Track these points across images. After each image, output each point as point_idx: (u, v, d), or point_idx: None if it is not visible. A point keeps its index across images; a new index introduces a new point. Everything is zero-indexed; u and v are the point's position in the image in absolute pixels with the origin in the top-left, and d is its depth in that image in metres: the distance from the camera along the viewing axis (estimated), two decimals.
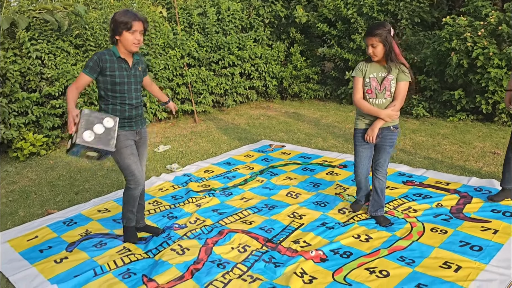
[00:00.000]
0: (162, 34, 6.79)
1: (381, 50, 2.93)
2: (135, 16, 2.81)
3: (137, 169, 3.03)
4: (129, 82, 2.93)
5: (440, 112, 6.29)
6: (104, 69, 2.83)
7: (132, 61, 2.95)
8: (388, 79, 3.00)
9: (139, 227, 3.39)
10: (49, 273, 2.93)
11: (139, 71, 3.02)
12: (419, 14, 6.75)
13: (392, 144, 3.16)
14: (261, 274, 2.76)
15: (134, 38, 2.80)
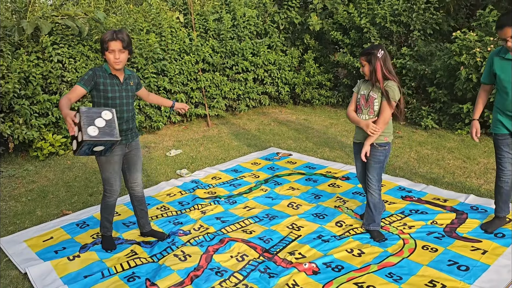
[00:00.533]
0: (178, 40, 7.01)
1: (367, 70, 3.17)
2: (113, 36, 2.94)
3: (115, 182, 3.23)
4: (121, 97, 3.10)
5: (449, 124, 6.35)
6: (98, 84, 3.01)
7: (124, 76, 3.13)
8: (372, 97, 3.21)
9: (145, 231, 3.62)
10: (62, 270, 3.17)
11: (131, 86, 3.19)
12: (431, 25, 6.79)
13: (378, 161, 3.30)
14: (255, 284, 2.94)
15: (113, 57, 2.96)
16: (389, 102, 3.14)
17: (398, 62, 6.78)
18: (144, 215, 3.58)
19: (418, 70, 6.55)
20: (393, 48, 7.05)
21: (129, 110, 3.18)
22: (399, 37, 7.17)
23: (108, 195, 3.28)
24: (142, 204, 3.53)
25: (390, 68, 3.18)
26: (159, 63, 6.71)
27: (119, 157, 3.21)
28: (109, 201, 3.31)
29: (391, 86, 3.15)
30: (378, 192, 3.39)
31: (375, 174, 3.34)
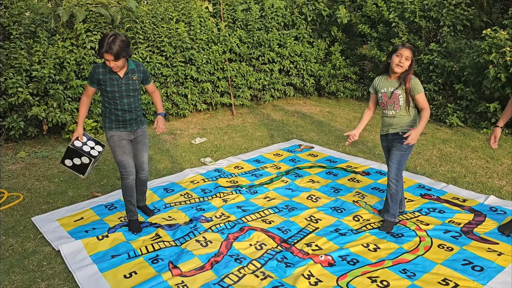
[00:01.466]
0: (207, 30, 7.12)
1: (407, 65, 3.29)
2: (107, 48, 3.07)
3: (128, 163, 3.48)
4: (120, 90, 3.32)
5: (475, 123, 6.28)
6: (98, 80, 3.29)
7: (125, 70, 3.31)
8: (396, 94, 3.34)
9: (139, 205, 3.94)
10: (92, 249, 3.38)
11: (133, 80, 3.36)
12: (462, 21, 6.68)
13: (400, 148, 3.41)
14: (272, 272, 3.07)
15: (108, 64, 3.17)
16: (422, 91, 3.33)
17: (425, 58, 6.71)
18: (142, 193, 3.89)
19: (446, 67, 6.48)
20: (421, 43, 6.98)
21: (131, 103, 3.39)
22: (428, 33, 7.09)
23: (125, 176, 3.51)
24: (143, 185, 3.83)
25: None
26: (187, 52, 6.84)
27: (126, 141, 3.48)
28: (126, 182, 3.53)
29: (416, 81, 3.33)
30: (395, 183, 3.47)
31: (396, 163, 3.44)
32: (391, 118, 3.44)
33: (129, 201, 3.61)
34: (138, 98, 3.46)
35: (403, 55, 3.25)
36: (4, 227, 3.77)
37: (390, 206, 3.54)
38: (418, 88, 3.31)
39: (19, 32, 5.76)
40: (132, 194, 3.59)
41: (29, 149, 5.75)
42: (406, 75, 3.31)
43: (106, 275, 3.06)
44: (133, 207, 3.65)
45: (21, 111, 5.76)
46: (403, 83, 3.32)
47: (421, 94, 3.32)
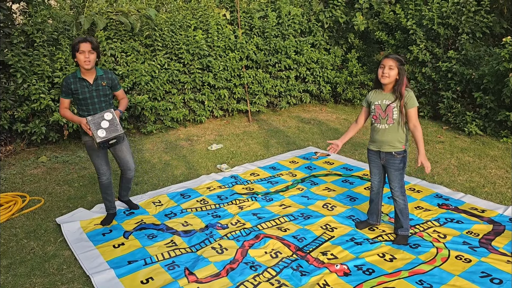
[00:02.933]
0: (224, 37, 7.20)
1: (394, 75, 3.22)
2: (83, 38, 3.43)
3: (101, 166, 3.79)
4: (92, 97, 3.56)
5: (495, 131, 6.19)
6: (71, 90, 3.52)
7: (94, 77, 3.55)
8: (390, 107, 3.29)
9: (124, 200, 4.21)
10: (108, 255, 3.44)
11: (103, 86, 3.60)
12: (481, 28, 6.61)
13: (397, 168, 3.40)
14: (287, 280, 3.08)
15: (83, 57, 3.41)
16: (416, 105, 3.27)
17: (444, 65, 6.65)
18: (126, 190, 4.15)
19: (465, 74, 6.41)
20: (439, 50, 6.92)
21: (102, 108, 3.63)
22: (446, 40, 7.03)
23: (100, 177, 3.84)
24: (129, 183, 4.09)
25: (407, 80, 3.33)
26: (205, 59, 6.92)
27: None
28: (101, 182, 3.85)
29: (411, 95, 3.26)
30: (402, 198, 3.47)
31: (397, 181, 3.43)
32: (382, 132, 3.37)
33: (105, 197, 3.94)
34: (110, 103, 3.70)
35: (386, 66, 3.23)
36: (26, 231, 3.87)
37: (402, 221, 3.52)
38: (411, 102, 3.24)
39: (42, 40, 5.92)
40: (107, 191, 3.90)
41: (50, 153, 5.88)
42: (399, 87, 3.24)
43: (123, 280, 3.12)
44: (110, 203, 3.97)
45: (43, 116, 5.90)
46: (399, 98, 3.25)
47: (414, 109, 3.25)
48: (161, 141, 6.42)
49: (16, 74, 5.62)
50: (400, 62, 3.24)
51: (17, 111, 5.71)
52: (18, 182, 4.99)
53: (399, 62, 3.23)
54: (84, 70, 3.51)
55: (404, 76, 3.24)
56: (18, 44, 5.75)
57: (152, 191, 4.68)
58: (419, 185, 4.59)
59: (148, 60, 6.62)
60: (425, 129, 6.67)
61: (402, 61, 3.25)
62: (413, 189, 4.49)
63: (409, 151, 3.28)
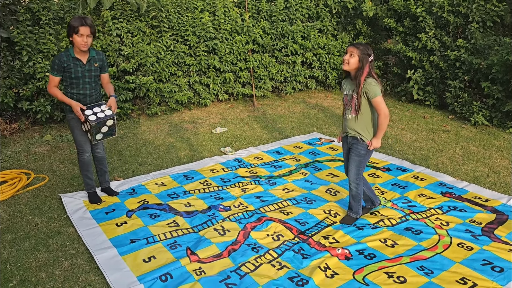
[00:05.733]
0: (231, 20, 7.13)
1: (355, 63, 3.19)
2: (83, 22, 3.43)
3: (85, 143, 3.80)
4: (84, 76, 3.60)
5: (501, 122, 6.14)
6: (64, 68, 3.53)
7: (87, 58, 3.59)
8: (354, 98, 3.29)
9: (102, 187, 4.16)
10: (111, 233, 3.47)
11: (95, 67, 3.65)
12: (492, 17, 6.51)
13: (358, 154, 3.40)
14: (289, 263, 3.10)
15: (81, 40, 3.45)
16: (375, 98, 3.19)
17: (452, 54, 6.58)
18: (103, 174, 4.09)
19: (473, 64, 6.34)
20: (448, 39, 6.83)
21: (92, 88, 3.68)
22: (455, 28, 6.93)
23: (81, 153, 3.85)
24: (102, 164, 4.05)
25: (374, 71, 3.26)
26: (211, 42, 6.87)
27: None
28: (83, 158, 3.86)
29: (370, 83, 3.20)
30: (355, 185, 3.50)
31: (354, 167, 3.45)
32: (347, 121, 3.40)
33: (86, 175, 3.93)
34: (98, 84, 3.77)
35: (347, 52, 3.21)
36: (30, 207, 3.90)
37: (353, 205, 3.62)
38: (371, 93, 3.19)
39: (48, 18, 5.88)
40: (89, 168, 3.92)
41: (54, 132, 5.90)
42: (358, 75, 3.20)
43: (125, 258, 3.14)
44: (91, 180, 3.97)
45: (48, 95, 5.89)
46: (357, 86, 3.23)
47: (376, 98, 3.19)
48: (166, 123, 6.41)
49: (22, 52, 5.61)
50: (363, 50, 3.17)
51: (22, 89, 5.70)
52: (22, 159, 5.01)
53: (362, 50, 3.17)
54: (79, 50, 3.53)
55: (365, 65, 3.18)
56: (24, 22, 5.72)
57: (156, 171, 4.69)
58: (423, 173, 4.57)
59: (154, 42, 6.57)
60: (430, 118, 6.63)
61: (366, 50, 3.17)
62: (416, 176, 4.48)
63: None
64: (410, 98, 7.48)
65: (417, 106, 7.29)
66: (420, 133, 5.96)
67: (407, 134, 5.92)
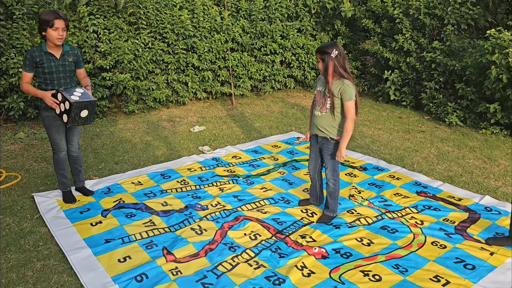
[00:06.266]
0: (210, 18, 7.08)
1: (321, 66, 3.31)
2: (57, 15, 3.35)
3: (61, 141, 3.72)
4: (57, 71, 3.51)
5: (474, 123, 6.29)
6: (36, 63, 3.43)
7: (61, 52, 3.50)
8: (326, 95, 3.34)
9: (76, 187, 4.07)
10: (85, 233, 3.40)
11: (69, 61, 3.56)
12: (467, 20, 6.66)
13: (330, 153, 3.48)
14: (266, 262, 3.10)
15: (57, 34, 3.36)
16: (348, 101, 3.26)
17: (428, 55, 6.70)
18: (77, 173, 4.00)
19: (448, 65, 6.47)
20: (424, 41, 6.96)
21: (67, 83, 3.59)
22: (431, 30, 7.07)
23: (57, 152, 3.75)
24: (76, 163, 3.96)
25: (345, 67, 3.27)
26: (190, 40, 6.81)
27: (60, 121, 3.62)
28: (58, 157, 3.77)
29: (348, 85, 3.25)
30: (333, 182, 3.57)
31: (330, 166, 3.53)
32: (317, 118, 3.44)
33: (61, 174, 3.84)
34: (73, 80, 3.66)
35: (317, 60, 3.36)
36: (2, 206, 3.79)
37: (330, 203, 3.66)
38: (347, 95, 3.24)
39: (22, 12, 5.73)
40: (64, 167, 3.83)
41: (28, 130, 5.75)
42: (326, 75, 3.28)
43: (100, 259, 3.09)
44: (66, 179, 3.89)
45: (21, 91, 5.73)
46: (326, 85, 3.31)
47: (349, 102, 3.25)
48: (143, 121, 6.33)
49: None
50: (322, 52, 3.25)
51: None
52: None
53: (321, 53, 3.26)
54: (52, 45, 3.45)
55: (329, 65, 3.23)
56: None
57: (132, 170, 4.62)
58: (398, 172, 4.65)
59: (132, 38, 6.47)
60: (407, 119, 6.74)
61: (325, 49, 3.24)
62: (392, 176, 4.54)
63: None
64: (387, 98, 7.59)
65: (393, 107, 7.41)
66: (397, 133, 6.05)
67: (384, 134, 6.01)
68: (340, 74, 3.26)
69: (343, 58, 3.27)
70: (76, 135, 3.86)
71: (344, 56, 3.29)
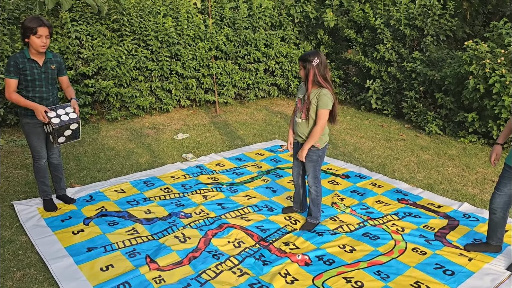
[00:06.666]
0: (194, 26, 7.11)
1: (303, 74, 3.38)
2: (41, 22, 3.33)
3: (41, 149, 3.68)
4: (40, 79, 3.47)
5: (453, 132, 6.44)
6: (19, 69, 3.38)
7: (44, 60, 3.48)
8: (306, 102, 3.39)
9: (57, 195, 4.02)
10: (67, 242, 3.36)
11: (52, 69, 3.54)
12: (445, 31, 6.85)
13: (311, 160, 3.53)
14: (249, 269, 3.11)
15: (40, 41, 3.34)
16: (322, 109, 3.32)
17: (408, 65, 6.85)
18: (58, 181, 3.96)
19: (428, 75, 6.62)
20: (405, 51, 7.12)
21: (49, 91, 3.56)
22: (412, 41, 7.23)
23: (37, 159, 3.71)
24: (57, 171, 3.92)
25: (325, 76, 3.34)
26: (174, 47, 6.82)
27: (41, 129, 3.61)
28: (39, 164, 3.73)
29: (324, 94, 3.32)
30: (314, 188, 3.62)
31: (311, 172, 3.58)
32: (298, 124, 3.51)
33: (42, 181, 3.81)
34: (55, 87, 3.63)
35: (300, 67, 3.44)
36: None
37: (313, 210, 3.70)
38: (322, 103, 3.31)
39: (3, 18, 5.66)
40: (45, 175, 3.79)
41: (7, 137, 5.65)
42: (306, 82, 3.37)
43: (82, 267, 3.05)
44: (47, 187, 3.84)
45: (1, 97, 5.64)
46: (306, 92, 3.38)
47: (322, 110, 3.31)
48: (126, 128, 6.29)
49: None
50: (304, 60, 3.32)
51: None
52: None
53: (303, 60, 3.33)
54: (35, 52, 3.41)
55: (310, 72, 3.30)
56: None
57: (115, 178, 4.58)
58: (380, 180, 4.72)
59: (115, 45, 6.45)
60: (388, 127, 6.86)
61: (307, 57, 3.31)
62: (374, 184, 4.61)
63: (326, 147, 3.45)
64: (369, 107, 7.72)
65: (375, 115, 7.53)
66: (378, 141, 6.15)
67: (366, 142, 6.10)
68: (318, 83, 3.32)
69: (324, 66, 3.33)
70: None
71: (326, 65, 3.35)
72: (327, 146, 3.57)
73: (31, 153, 3.70)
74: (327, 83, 3.33)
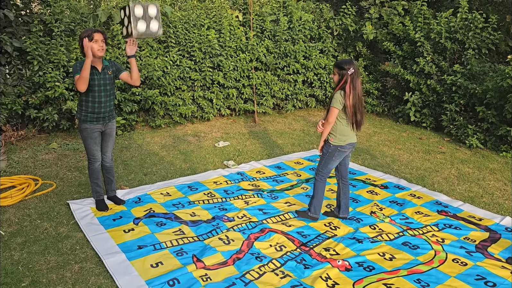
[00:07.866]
0: (236, 38, 7.36)
1: (336, 80, 3.67)
2: (95, 29, 3.64)
3: (97, 152, 3.94)
4: (99, 84, 3.74)
5: (495, 146, 6.35)
6: None
7: (102, 66, 3.75)
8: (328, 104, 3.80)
9: (108, 196, 4.27)
10: (119, 239, 3.58)
11: (109, 75, 3.81)
12: (487, 45, 6.79)
13: (323, 153, 3.86)
14: (291, 272, 3.22)
15: (97, 45, 3.61)
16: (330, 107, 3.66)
17: (449, 78, 6.82)
18: (109, 182, 4.20)
19: (469, 89, 6.58)
20: (445, 64, 7.09)
21: (107, 95, 3.82)
22: (452, 54, 7.20)
23: (92, 162, 3.98)
24: (109, 173, 4.16)
25: (355, 85, 3.59)
26: (216, 58, 7.08)
27: (98, 133, 3.90)
28: (93, 167, 4.00)
29: (336, 93, 3.62)
30: (319, 179, 3.89)
31: (321, 164, 3.88)
32: None
33: (96, 183, 4.06)
34: (112, 93, 3.90)
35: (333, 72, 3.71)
36: (39, 212, 4.00)
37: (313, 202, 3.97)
38: (332, 102, 3.64)
39: (60, 30, 6.07)
40: (98, 176, 4.05)
41: (60, 141, 6.02)
42: (335, 87, 3.67)
43: (134, 263, 3.25)
44: (99, 188, 4.09)
45: (56, 104, 6.03)
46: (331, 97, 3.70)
47: (331, 108, 3.64)
48: (169, 135, 6.56)
49: (33, 61, 5.77)
50: (340, 67, 3.59)
51: (31, 98, 5.84)
52: (30, 166, 5.12)
53: (339, 68, 3.60)
54: (94, 58, 3.67)
55: (343, 78, 3.59)
56: (36, 33, 5.89)
57: (160, 182, 4.82)
58: (419, 191, 4.74)
59: (161, 56, 6.77)
60: (427, 140, 6.83)
61: (343, 67, 3.57)
62: (413, 195, 4.63)
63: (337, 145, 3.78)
64: (407, 119, 7.70)
65: (414, 128, 7.50)
66: (417, 153, 6.14)
67: (404, 154, 6.11)
68: (344, 89, 3.59)
69: (357, 76, 3.61)
70: (110, 146, 4.07)
71: (358, 75, 3.63)
72: (345, 148, 3.78)
73: (87, 156, 3.98)
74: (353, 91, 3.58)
